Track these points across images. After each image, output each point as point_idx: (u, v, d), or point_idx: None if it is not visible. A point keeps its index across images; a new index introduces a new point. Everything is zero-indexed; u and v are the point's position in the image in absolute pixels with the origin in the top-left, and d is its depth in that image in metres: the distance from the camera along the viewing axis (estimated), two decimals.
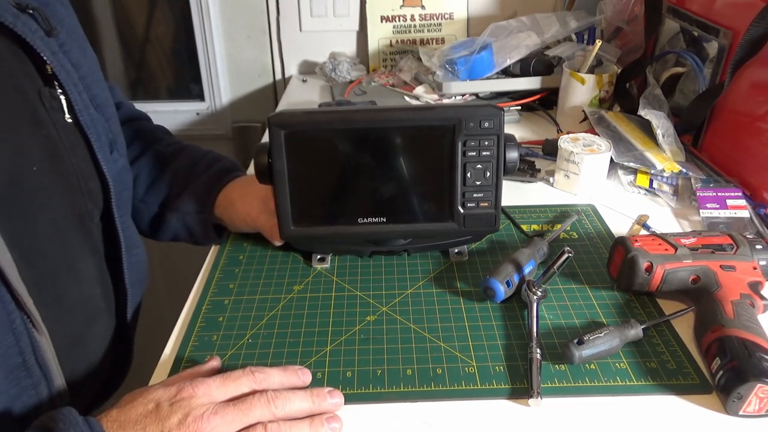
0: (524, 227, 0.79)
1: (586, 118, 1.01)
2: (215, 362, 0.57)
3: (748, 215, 0.78)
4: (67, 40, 0.58)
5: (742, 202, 0.79)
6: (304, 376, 0.56)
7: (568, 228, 0.78)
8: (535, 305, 0.62)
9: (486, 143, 0.65)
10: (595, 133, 0.92)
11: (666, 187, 0.86)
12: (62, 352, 0.56)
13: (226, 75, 1.45)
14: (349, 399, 0.55)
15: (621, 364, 0.57)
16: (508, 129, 0.73)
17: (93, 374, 0.63)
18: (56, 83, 0.57)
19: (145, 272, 0.74)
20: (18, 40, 0.53)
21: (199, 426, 0.47)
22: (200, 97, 1.47)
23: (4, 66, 0.53)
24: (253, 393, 0.51)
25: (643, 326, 0.59)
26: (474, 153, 0.66)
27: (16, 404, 0.51)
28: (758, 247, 0.64)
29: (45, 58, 0.55)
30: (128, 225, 0.69)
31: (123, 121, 0.77)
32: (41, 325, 0.52)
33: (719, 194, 0.80)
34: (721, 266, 0.62)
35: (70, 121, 0.58)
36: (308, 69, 1.44)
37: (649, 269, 0.63)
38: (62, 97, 0.57)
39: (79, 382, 0.60)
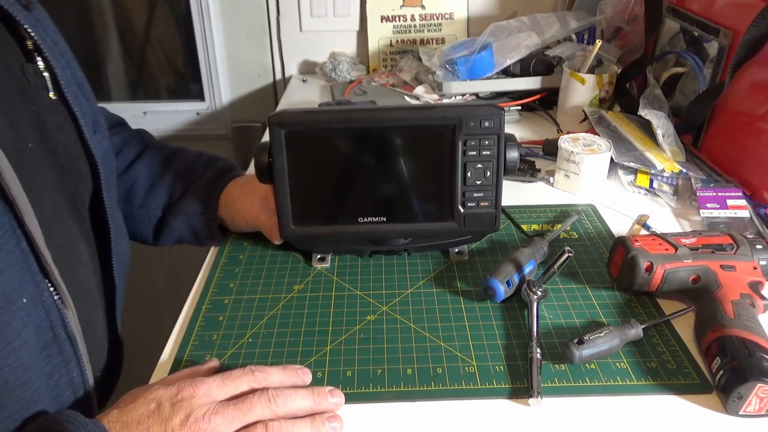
0: (524, 227, 0.79)
1: (586, 118, 1.01)
2: (213, 363, 0.57)
3: (749, 215, 0.78)
4: (41, 17, 0.56)
5: (743, 202, 0.79)
6: (305, 375, 0.56)
7: (569, 228, 0.78)
8: (535, 305, 0.62)
9: (486, 143, 0.65)
10: (595, 133, 0.92)
11: (666, 187, 0.86)
12: (83, 332, 0.54)
13: (226, 75, 1.45)
14: (350, 398, 0.55)
15: (621, 364, 0.57)
16: (509, 129, 0.72)
17: (98, 363, 0.61)
18: (38, 59, 0.55)
19: (128, 264, 0.72)
20: None
21: (200, 426, 0.47)
22: (200, 97, 1.47)
23: None
24: (253, 392, 0.51)
25: (643, 326, 0.59)
26: (474, 153, 0.66)
27: (50, 383, 0.49)
28: (758, 247, 0.64)
29: (29, 30, 0.52)
30: (115, 211, 0.66)
31: (109, 127, 0.75)
32: (68, 298, 0.50)
33: (719, 194, 0.80)
34: (721, 266, 0.62)
35: (54, 98, 0.56)
36: (308, 69, 1.44)
37: (650, 269, 0.63)
38: (45, 74, 0.55)
39: (95, 366, 0.58)
